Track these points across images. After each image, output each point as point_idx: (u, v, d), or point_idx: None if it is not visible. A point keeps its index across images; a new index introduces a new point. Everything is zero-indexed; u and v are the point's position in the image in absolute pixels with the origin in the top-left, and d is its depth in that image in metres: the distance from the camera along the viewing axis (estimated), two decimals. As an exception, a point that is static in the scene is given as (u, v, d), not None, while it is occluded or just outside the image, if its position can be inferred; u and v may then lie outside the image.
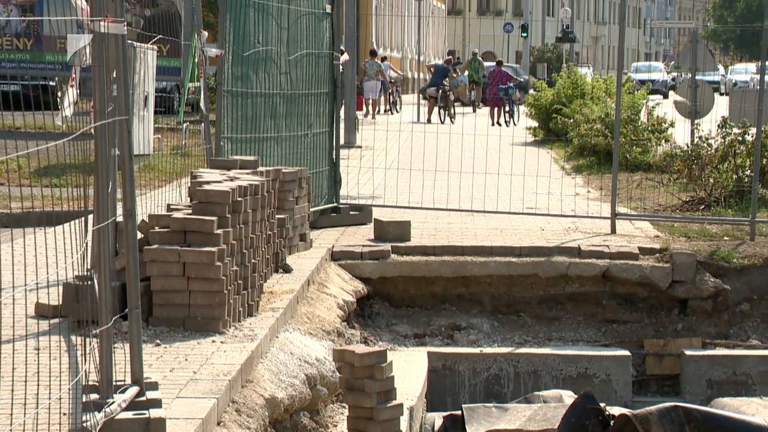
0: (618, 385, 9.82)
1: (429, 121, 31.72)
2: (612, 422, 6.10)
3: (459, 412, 8.15)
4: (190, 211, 7.20)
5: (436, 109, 33.29)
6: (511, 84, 33.31)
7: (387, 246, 10.74)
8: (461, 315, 10.57)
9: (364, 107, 36.04)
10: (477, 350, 10.00)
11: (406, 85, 47.22)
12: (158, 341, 6.64)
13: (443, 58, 39.88)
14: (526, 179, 14.69)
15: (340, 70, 12.50)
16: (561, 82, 25.82)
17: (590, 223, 12.16)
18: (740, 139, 13.88)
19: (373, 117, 34.51)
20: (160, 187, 12.18)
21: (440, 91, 33.45)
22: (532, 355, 9.93)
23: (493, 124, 31.45)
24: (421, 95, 36.33)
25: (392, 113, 38.43)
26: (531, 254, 10.71)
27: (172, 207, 7.58)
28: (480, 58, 42.48)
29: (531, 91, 30.88)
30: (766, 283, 10.53)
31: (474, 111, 37.33)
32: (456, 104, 34.31)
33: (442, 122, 31.18)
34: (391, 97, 40.23)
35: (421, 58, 58.16)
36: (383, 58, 44.59)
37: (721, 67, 70.57)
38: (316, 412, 7.14)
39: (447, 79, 34.16)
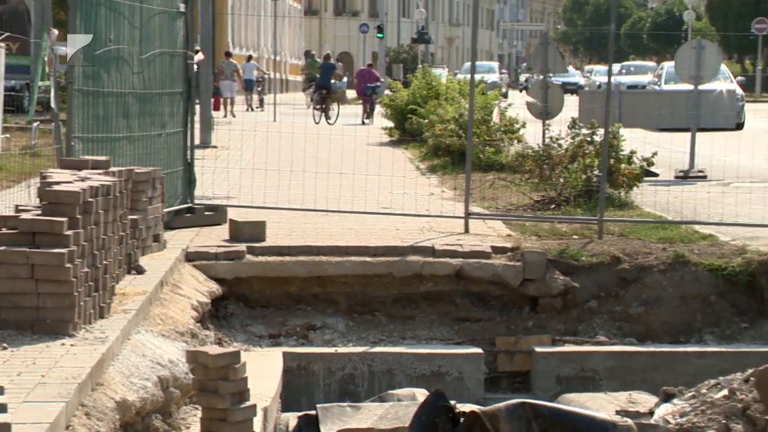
0: (470, 382, 9.95)
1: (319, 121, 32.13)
2: (462, 419, 6.19)
3: (314, 412, 8.17)
4: (39, 212, 7.08)
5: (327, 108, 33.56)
6: (378, 83, 34.16)
7: (242, 246, 10.70)
8: (316, 315, 10.59)
9: (222, 107, 35.99)
10: (332, 350, 10.04)
11: (266, 84, 47.09)
12: (5, 345, 6.52)
13: (321, 57, 40.31)
14: (381, 179, 14.78)
15: (195, 69, 12.41)
16: (416, 83, 26.03)
17: (444, 223, 12.29)
18: (589, 139, 14.18)
19: (233, 115, 34.56)
20: (8, 188, 11.94)
21: (319, 93, 33.71)
22: (387, 354, 10.01)
23: (362, 122, 32.09)
24: (307, 95, 36.65)
25: (262, 110, 39.02)
26: (386, 254, 10.79)
27: (20, 208, 7.44)
28: (318, 60, 43.89)
29: (387, 92, 31.08)
30: (613, 281, 10.79)
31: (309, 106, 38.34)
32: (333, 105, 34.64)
33: (317, 122, 31.36)
34: (257, 96, 40.73)
35: (277, 58, 57.97)
36: (249, 57, 44.55)
37: (572, 68, 71.89)
38: (168, 414, 7.08)
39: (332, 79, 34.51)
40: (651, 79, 46.95)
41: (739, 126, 28.14)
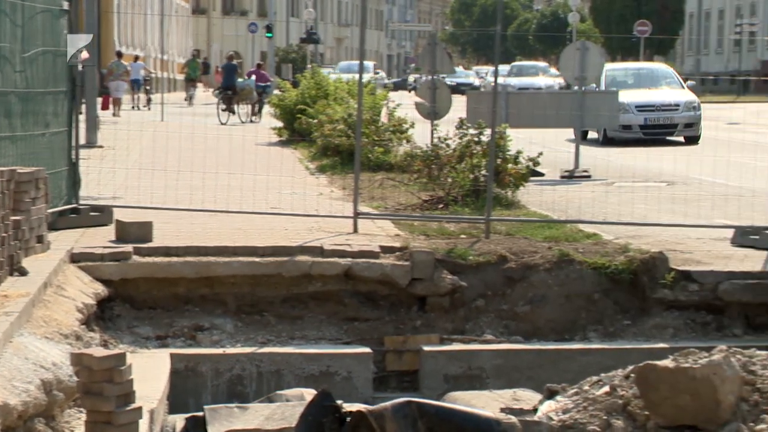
0: (359, 382, 9.97)
1: (229, 119, 32.50)
2: (348, 419, 6.19)
3: (201, 414, 8.11)
4: None
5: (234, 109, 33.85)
6: (269, 83, 34.53)
7: (129, 247, 10.58)
8: (204, 316, 10.52)
9: (111, 107, 35.90)
10: (220, 351, 9.98)
11: (153, 84, 46.71)
12: None
13: (226, 57, 40.57)
14: (270, 179, 14.74)
15: (80, 68, 12.24)
16: (305, 83, 26.00)
17: (333, 223, 12.30)
18: (476, 139, 14.30)
19: (119, 115, 34.48)
20: None
21: (225, 94, 34.00)
22: (275, 354, 9.98)
23: (250, 121, 32.54)
24: (215, 96, 37.00)
25: (149, 109, 39.09)
26: (274, 254, 10.76)
27: None
28: (198, 59, 44.80)
29: (276, 92, 31.02)
30: (500, 280, 10.89)
31: (190, 105, 39.01)
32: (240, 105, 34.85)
33: (223, 123, 31.43)
34: (144, 95, 40.84)
35: (165, 57, 57.43)
36: (136, 57, 44.22)
37: (470, 69, 72.44)
38: (52, 418, 6.97)
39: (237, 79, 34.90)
40: (550, 81, 45.97)
41: (695, 139, 26.39)
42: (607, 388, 6.33)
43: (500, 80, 42.56)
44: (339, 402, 6.33)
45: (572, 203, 14.65)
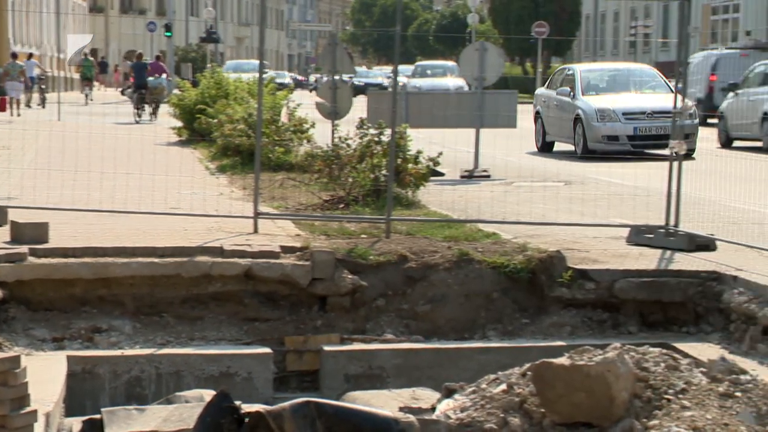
0: (259, 382, 9.94)
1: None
2: (247, 420, 6.18)
3: (99, 416, 8.02)
4: None
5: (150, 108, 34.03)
6: (164, 76, 35.19)
7: (24, 248, 10.43)
8: (102, 317, 10.41)
9: (8, 107, 35.69)
10: (118, 353, 9.88)
11: (49, 83, 46.07)
12: None
13: (134, 56, 40.55)
14: (169, 179, 14.63)
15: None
16: (205, 83, 25.84)
17: (233, 223, 12.24)
18: (377, 139, 14.34)
19: (18, 115, 34.31)
20: None
21: (139, 93, 34.12)
22: (174, 355, 9.90)
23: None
24: (124, 94, 37.07)
25: (43, 107, 38.88)
26: (174, 254, 10.67)
27: None
28: (91, 58, 45.40)
29: (175, 91, 30.80)
30: (401, 279, 10.94)
31: (86, 103, 39.30)
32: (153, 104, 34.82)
33: (137, 122, 31.32)
34: (39, 94, 40.64)
35: (61, 56, 56.66)
36: (30, 55, 43.64)
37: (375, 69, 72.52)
38: (-55, 423, 6.84)
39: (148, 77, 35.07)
40: (459, 82, 42.91)
41: (690, 153, 25.04)
42: (504, 387, 6.39)
43: (408, 81, 42.62)
44: (238, 403, 6.30)
45: (472, 203, 14.76)
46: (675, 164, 12.11)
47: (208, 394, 8.12)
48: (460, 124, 19.38)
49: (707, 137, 25.59)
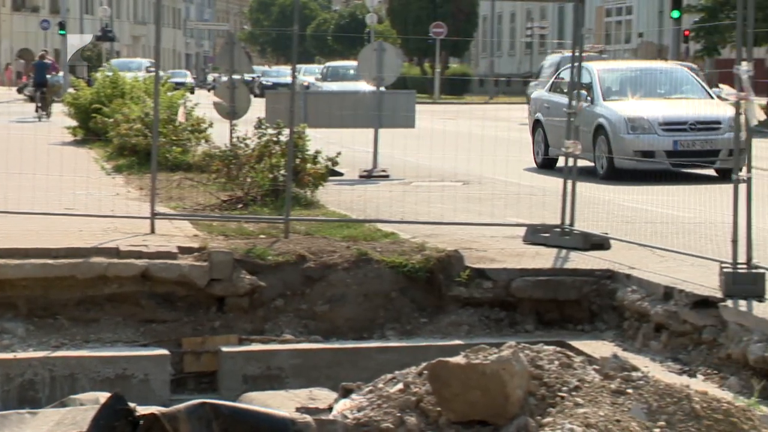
0: (156, 384, 9.85)
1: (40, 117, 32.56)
2: (141, 422, 6.13)
3: (-10, 421, 7.87)
4: None
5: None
6: (56, 74, 35.16)
7: None
8: (-6, 320, 10.23)
9: None
10: (10, 356, 9.72)
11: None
12: None
13: (38, 56, 40.09)
14: (64, 179, 14.42)
15: None
16: (100, 82, 25.53)
17: (130, 224, 12.12)
18: (275, 139, 14.29)
19: None
20: None
21: (41, 92, 34.26)
22: (69, 358, 9.77)
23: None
24: (23, 93, 36.91)
25: None
26: (68, 255, 10.53)
27: None
28: None
29: (70, 90, 30.39)
30: (299, 279, 10.92)
31: None
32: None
33: (40, 120, 31.09)
34: None
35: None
36: None
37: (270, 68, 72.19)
38: None
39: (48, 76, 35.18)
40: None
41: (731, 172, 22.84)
42: (400, 386, 6.41)
43: (318, 84, 42.37)
44: (132, 405, 6.24)
45: (371, 203, 14.80)
46: (570, 163, 12.26)
47: (104, 397, 8.02)
48: (358, 124, 19.42)
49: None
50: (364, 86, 22.22)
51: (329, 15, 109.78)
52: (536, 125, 21.43)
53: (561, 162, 16.19)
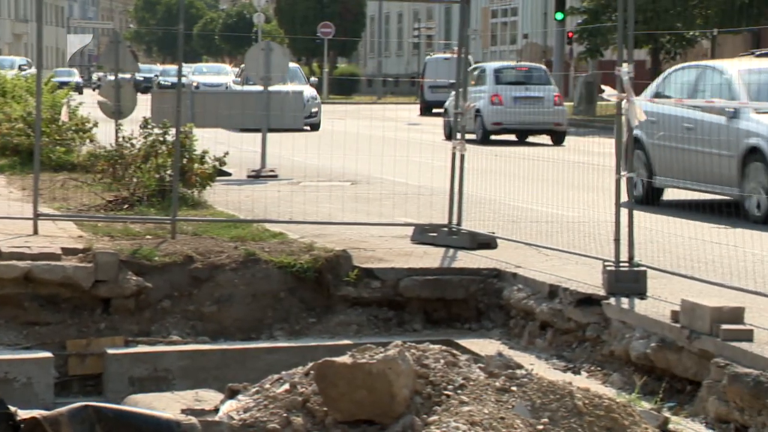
0: (39, 387, 9.70)
1: None
2: (22, 426, 6.03)
3: None
4: None
5: None
6: None
7: None
8: None
9: None
10: None
11: None
12: None
13: None
14: (-57, 180, 14.14)
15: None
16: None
17: (12, 225, 11.92)
18: (161, 139, 14.17)
19: None
20: None
21: None
22: (-51, 362, 9.58)
23: None
24: None
25: None
26: (-52, 258, 10.31)
27: None
28: None
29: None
30: (187, 280, 10.84)
31: None
32: None
33: None
34: None
35: None
36: None
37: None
38: None
39: None
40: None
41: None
42: (287, 386, 6.41)
43: (237, 86, 42.12)
44: (13, 409, 6.14)
45: (259, 203, 14.75)
46: (458, 163, 12.35)
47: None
48: (246, 124, 19.34)
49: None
50: (291, 88, 22.20)
51: (216, 14, 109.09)
52: (636, 144, 14.52)
53: (669, 194, 14.03)
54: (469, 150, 12.43)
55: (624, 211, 9.78)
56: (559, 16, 42.59)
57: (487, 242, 11.92)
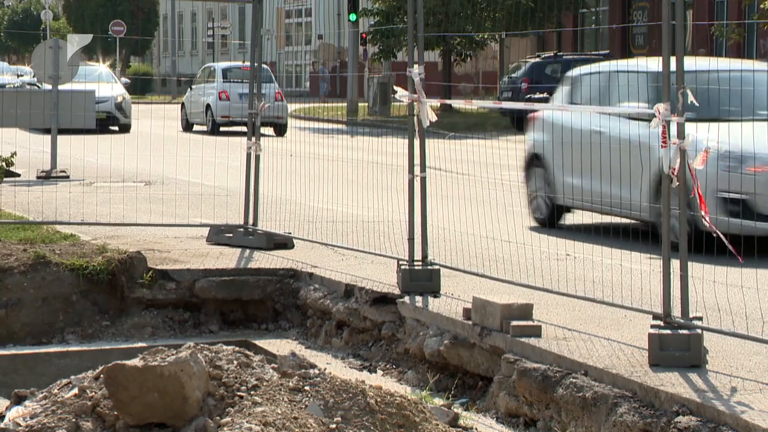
0: None
1: None
2: None
3: None
4: None
5: None
6: None
7: None
8: None
9: None
10: None
11: None
12: None
13: None
14: None
15: None
16: None
17: None
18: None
19: None
20: None
21: None
22: None
23: None
24: None
25: None
26: None
27: None
28: None
29: None
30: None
31: None
32: None
33: None
34: None
35: None
36: None
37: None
38: None
39: None
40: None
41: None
42: (76, 390, 6.29)
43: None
44: None
45: (49, 204, 14.40)
46: (253, 164, 12.33)
47: None
48: (34, 123, 18.87)
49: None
50: (82, 87, 21.66)
51: (1, 10, 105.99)
52: (533, 162, 13.60)
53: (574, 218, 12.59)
54: (264, 149, 12.42)
55: (417, 211, 9.93)
56: (353, 17, 42.92)
57: (283, 242, 11.94)
